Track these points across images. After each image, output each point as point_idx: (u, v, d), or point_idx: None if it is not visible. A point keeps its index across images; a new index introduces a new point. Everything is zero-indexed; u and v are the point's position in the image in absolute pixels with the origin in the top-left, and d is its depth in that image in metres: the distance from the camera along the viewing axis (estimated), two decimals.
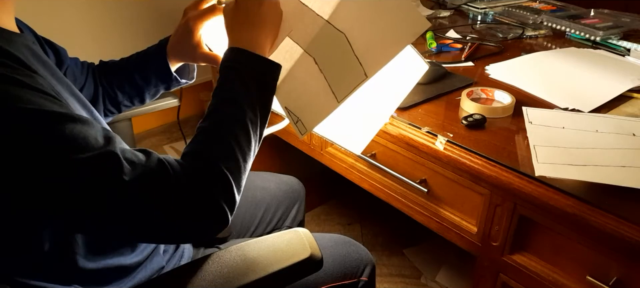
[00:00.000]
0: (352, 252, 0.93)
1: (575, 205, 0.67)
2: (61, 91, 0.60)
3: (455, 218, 0.90)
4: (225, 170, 0.58)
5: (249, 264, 0.70)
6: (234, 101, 0.63)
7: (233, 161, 0.60)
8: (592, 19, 1.45)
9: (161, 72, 0.85)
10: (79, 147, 0.50)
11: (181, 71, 0.89)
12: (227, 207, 0.58)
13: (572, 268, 0.75)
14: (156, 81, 0.87)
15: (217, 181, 0.58)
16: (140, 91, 0.88)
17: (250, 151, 0.64)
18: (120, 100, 0.89)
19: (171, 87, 0.89)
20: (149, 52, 0.86)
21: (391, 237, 1.82)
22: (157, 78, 0.87)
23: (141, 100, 0.91)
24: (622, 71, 1.10)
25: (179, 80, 0.88)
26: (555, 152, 0.76)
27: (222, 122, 0.62)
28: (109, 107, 0.90)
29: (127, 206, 0.53)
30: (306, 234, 0.74)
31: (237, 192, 0.60)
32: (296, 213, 1.14)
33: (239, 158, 0.61)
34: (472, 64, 1.19)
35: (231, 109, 0.63)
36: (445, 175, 0.88)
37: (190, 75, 0.91)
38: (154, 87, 0.88)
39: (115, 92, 0.88)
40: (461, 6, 1.70)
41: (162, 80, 0.87)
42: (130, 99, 0.90)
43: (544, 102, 0.97)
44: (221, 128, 0.62)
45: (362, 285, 0.92)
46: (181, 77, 0.88)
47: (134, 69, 0.87)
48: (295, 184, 1.17)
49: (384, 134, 0.93)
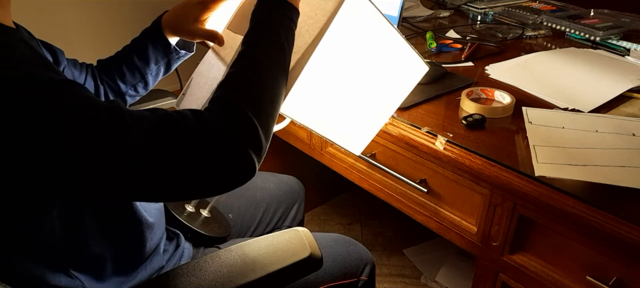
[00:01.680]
0: (352, 251, 0.93)
1: (575, 205, 0.67)
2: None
3: (455, 218, 0.90)
4: (249, 113, 0.56)
5: (249, 263, 0.70)
6: (263, 47, 0.63)
7: (258, 104, 0.58)
8: (592, 19, 1.45)
9: (160, 46, 0.86)
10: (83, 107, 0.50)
11: (178, 45, 0.89)
12: (252, 152, 0.55)
13: (572, 268, 0.75)
14: (156, 57, 0.87)
15: (238, 124, 0.55)
16: (142, 74, 0.88)
17: (279, 96, 0.62)
18: (124, 91, 0.89)
19: (172, 61, 0.90)
20: (144, 31, 0.87)
21: (391, 237, 1.82)
22: (156, 54, 0.87)
23: (145, 84, 0.91)
24: (622, 71, 1.10)
25: (179, 51, 0.88)
26: (555, 152, 0.76)
27: (249, 66, 0.61)
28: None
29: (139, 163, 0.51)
30: (306, 234, 0.75)
31: (265, 137, 0.57)
32: (296, 213, 1.14)
33: (265, 101, 0.59)
34: (472, 64, 1.19)
35: (259, 53, 0.62)
36: (445, 175, 0.88)
37: (190, 47, 0.91)
38: (154, 65, 0.88)
39: (117, 84, 0.88)
40: (461, 6, 1.70)
41: (163, 55, 0.87)
42: (134, 86, 0.90)
43: (544, 102, 0.97)
44: (248, 72, 0.60)
45: (362, 284, 0.92)
46: (181, 49, 0.89)
47: (132, 51, 0.87)
48: (295, 184, 1.17)
49: (384, 134, 0.93)
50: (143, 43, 0.86)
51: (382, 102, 0.86)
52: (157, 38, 0.85)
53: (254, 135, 0.56)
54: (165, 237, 0.83)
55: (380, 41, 0.81)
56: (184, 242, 0.88)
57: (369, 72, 0.83)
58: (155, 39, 0.85)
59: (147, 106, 1.25)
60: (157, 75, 0.91)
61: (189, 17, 0.81)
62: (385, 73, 0.84)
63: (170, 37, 0.86)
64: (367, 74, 0.83)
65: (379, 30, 0.80)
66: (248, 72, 0.60)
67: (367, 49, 0.81)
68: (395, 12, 1.20)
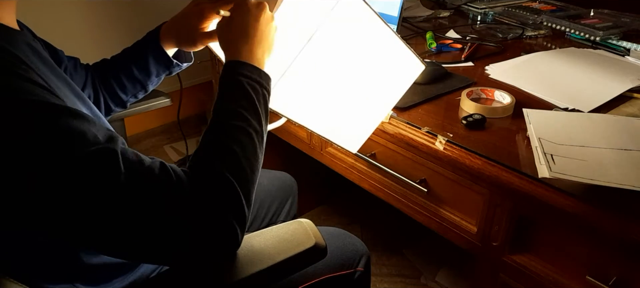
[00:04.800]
0: (348, 243, 0.94)
1: (575, 205, 0.67)
2: (61, 87, 0.59)
3: (455, 218, 0.90)
4: (233, 180, 0.56)
5: (256, 254, 0.71)
6: (238, 112, 0.63)
7: (241, 172, 0.59)
8: (591, 19, 1.45)
9: (162, 61, 0.86)
10: (76, 141, 0.49)
11: (177, 56, 0.90)
12: (235, 223, 0.55)
13: (572, 268, 0.75)
14: (157, 70, 0.88)
15: (224, 192, 0.55)
16: (143, 84, 0.89)
17: (257, 162, 0.63)
18: (125, 100, 0.90)
19: (172, 71, 0.90)
20: (143, 44, 0.86)
21: (391, 237, 1.81)
22: (158, 67, 0.87)
23: (145, 91, 0.92)
24: (622, 71, 1.10)
25: (180, 65, 0.89)
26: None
27: (227, 132, 0.61)
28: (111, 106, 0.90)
29: (121, 208, 0.50)
30: (309, 224, 0.76)
31: (247, 206, 0.58)
32: (290, 208, 1.16)
33: (246, 169, 0.60)
34: (472, 64, 1.19)
35: (236, 120, 0.62)
36: (445, 175, 0.88)
37: (189, 57, 0.92)
38: (156, 77, 0.90)
39: (117, 94, 0.89)
40: (461, 6, 1.70)
41: (164, 68, 0.88)
42: (135, 94, 0.91)
43: (544, 102, 0.97)
44: (227, 138, 0.60)
45: (359, 275, 0.93)
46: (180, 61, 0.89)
47: (131, 62, 0.87)
48: (288, 179, 1.18)
49: (383, 134, 0.93)
50: (143, 56, 0.86)
51: (378, 100, 0.86)
52: (158, 54, 0.85)
53: (238, 206, 0.56)
54: None
55: (375, 40, 0.81)
56: None
57: (365, 70, 0.83)
58: (156, 55, 0.85)
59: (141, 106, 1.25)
60: (157, 83, 0.92)
61: (189, 27, 0.81)
62: (381, 71, 0.84)
63: (171, 48, 0.86)
64: (363, 72, 0.83)
65: (373, 29, 0.80)
66: (229, 139, 0.60)
67: (362, 48, 0.82)
68: (395, 12, 1.20)
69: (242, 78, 0.66)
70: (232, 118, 0.63)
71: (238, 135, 0.61)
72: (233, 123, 0.62)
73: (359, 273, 0.93)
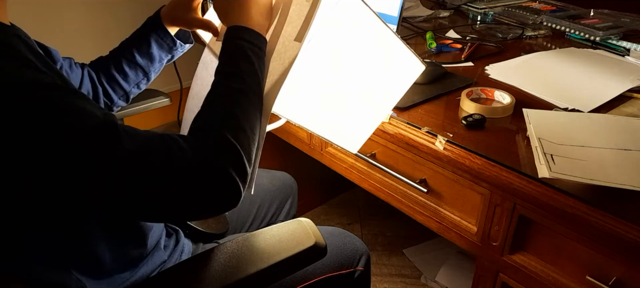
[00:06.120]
0: (348, 242, 0.95)
1: (575, 205, 0.67)
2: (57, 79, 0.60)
3: (455, 218, 0.90)
4: (233, 140, 0.58)
5: (256, 253, 0.71)
6: (238, 75, 0.65)
7: (241, 131, 0.60)
8: (591, 19, 1.45)
9: (165, 42, 0.88)
10: (75, 117, 0.50)
11: (178, 37, 0.91)
12: (237, 177, 0.57)
13: (572, 268, 0.75)
14: (160, 54, 0.89)
15: (225, 151, 0.57)
16: (145, 71, 0.90)
17: (257, 121, 0.65)
18: (128, 90, 0.91)
19: (174, 54, 0.92)
20: (145, 28, 0.88)
21: (391, 237, 1.82)
22: (160, 51, 0.89)
23: (147, 80, 0.93)
24: (622, 71, 1.10)
25: (183, 45, 0.91)
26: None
27: (227, 95, 0.63)
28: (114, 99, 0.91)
29: (129, 177, 0.51)
30: (309, 224, 0.77)
31: (248, 162, 0.60)
32: (289, 208, 1.16)
33: (246, 128, 0.61)
34: (472, 64, 1.19)
35: (236, 83, 0.64)
36: (445, 175, 0.88)
37: (189, 38, 0.93)
38: (159, 63, 0.91)
39: (120, 84, 0.90)
40: (461, 6, 1.70)
41: (167, 51, 0.90)
42: (137, 84, 0.92)
43: (544, 102, 0.97)
44: (227, 101, 0.63)
45: (358, 274, 0.93)
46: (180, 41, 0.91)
47: (133, 49, 0.88)
48: (288, 179, 1.19)
49: (383, 134, 0.93)
50: (146, 40, 0.88)
51: (378, 101, 0.86)
52: (161, 34, 0.88)
53: (239, 161, 0.58)
54: (165, 233, 0.84)
55: (375, 41, 0.81)
56: (183, 238, 0.88)
57: (365, 71, 0.83)
58: (159, 34, 0.88)
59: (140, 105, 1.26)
60: (159, 70, 0.93)
61: (183, 7, 0.85)
62: (381, 72, 0.84)
63: (169, 28, 0.88)
64: (363, 73, 0.83)
65: (373, 29, 0.80)
66: (227, 100, 0.63)
67: (362, 48, 0.82)
68: (395, 13, 1.20)
69: (240, 41, 0.68)
70: (231, 81, 0.65)
71: (237, 96, 0.63)
72: (232, 86, 0.64)
73: (358, 272, 0.93)
